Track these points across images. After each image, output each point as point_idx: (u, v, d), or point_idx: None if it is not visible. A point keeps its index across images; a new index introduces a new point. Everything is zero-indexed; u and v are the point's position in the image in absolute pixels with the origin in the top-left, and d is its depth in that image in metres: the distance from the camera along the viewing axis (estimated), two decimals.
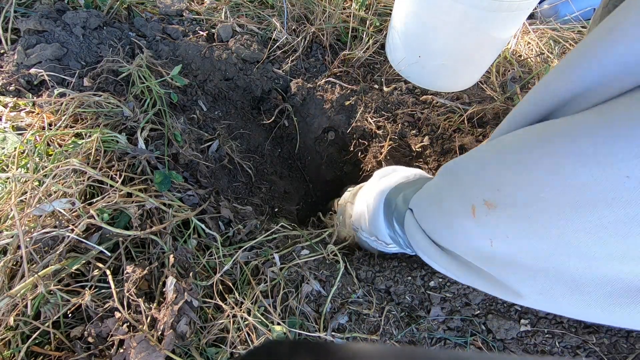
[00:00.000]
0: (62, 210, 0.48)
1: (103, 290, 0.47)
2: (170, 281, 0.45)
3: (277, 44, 0.85)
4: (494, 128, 0.75)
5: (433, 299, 0.54)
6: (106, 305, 0.45)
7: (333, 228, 0.64)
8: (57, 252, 0.45)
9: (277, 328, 0.47)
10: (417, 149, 0.78)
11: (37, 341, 0.43)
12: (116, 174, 0.54)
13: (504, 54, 0.92)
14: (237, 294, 0.50)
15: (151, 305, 0.46)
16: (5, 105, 0.59)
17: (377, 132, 0.79)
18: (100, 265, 0.48)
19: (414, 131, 0.80)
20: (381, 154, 0.78)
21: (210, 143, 0.72)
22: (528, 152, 0.28)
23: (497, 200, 0.31)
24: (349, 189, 0.83)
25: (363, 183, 0.73)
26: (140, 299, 0.45)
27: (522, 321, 0.52)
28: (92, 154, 0.54)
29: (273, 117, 0.84)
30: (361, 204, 0.63)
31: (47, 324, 0.43)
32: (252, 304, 0.49)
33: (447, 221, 0.39)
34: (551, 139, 0.26)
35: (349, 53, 0.86)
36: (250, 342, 0.47)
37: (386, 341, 0.50)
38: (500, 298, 0.42)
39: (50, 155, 0.54)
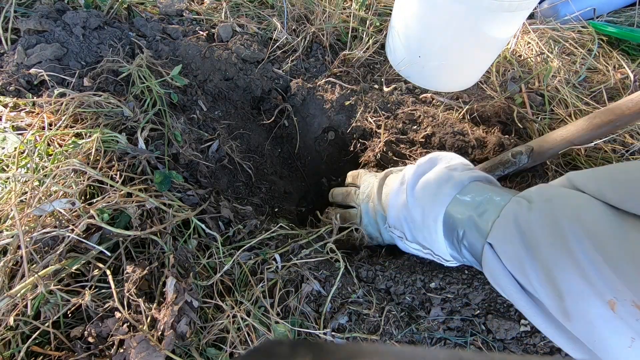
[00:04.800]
0: (62, 210, 0.48)
1: (103, 290, 0.47)
2: (171, 281, 0.45)
3: (277, 44, 0.85)
4: (496, 126, 0.75)
5: (433, 300, 0.54)
6: (106, 305, 0.45)
7: (331, 225, 0.63)
8: (57, 252, 0.45)
9: (280, 327, 0.47)
10: (421, 139, 0.76)
11: (37, 341, 0.43)
12: (116, 174, 0.54)
13: (504, 54, 0.92)
14: (237, 294, 0.50)
15: (151, 306, 0.46)
16: (5, 105, 0.59)
17: (377, 130, 0.79)
18: (101, 265, 0.48)
19: (415, 127, 0.79)
20: (379, 147, 0.77)
21: (210, 143, 0.72)
22: None
23: None
24: (365, 176, 0.67)
25: (388, 173, 0.61)
26: (140, 299, 0.45)
27: (522, 321, 0.52)
28: (92, 154, 0.54)
29: (273, 117, 0.84)
30: (399, 208, 0.52)
31: (47, 324, 0.43)
32: (252, 304, 0.49)
33: (558, 293, 0.32)
34: None
35: (349, 53, 0.86)
36: (250, 342, 0.47)
37: (386, 341, 0.50)
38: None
39: (51, 155, 0.54)
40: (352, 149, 0.87)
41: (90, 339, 0.43)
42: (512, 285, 0.37)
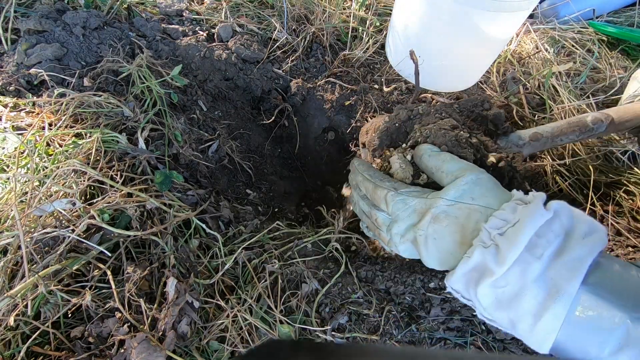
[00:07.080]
0: (62, 211, 0.48)
1: (103, 291, 0.47)
2: (172, 282, 0.45)
3: (277, 44, 0.85)
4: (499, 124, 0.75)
5: (433, 300, 0.54)
6: (107, 306, 0.45)
7: (333, 226, 0.63)
8: (58, 252, 0.45)
9: (284, 327, 0.47)
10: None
11: (37, 341, 0.43)
12: (116, 174, 0.54)
13: (504, 54, 0.92)
14: (238, 293, 0.50)
15: (152, 306, 0.46)
16: (5, 105, 0.59)
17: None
18: (101, 265, 0.48)
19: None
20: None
21: (210, 143, 0.72)
22: None
23: None
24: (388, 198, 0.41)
25: (430, 203, 0.38)
26: (141, 299, 0.45)
27: None
28: (93, 154, 0.54)
29: (273, 117, 0.84)
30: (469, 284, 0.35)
31: (47, 324, 0.43)
32: (255, 302, 0.49)
33: None
34: None
35: (349, 53, 0.86)
36: (251, 341, 0.47)
37: (386, 341, 0.50)
38: None
39: (51, 155, 0.54)
40: (352, 148, 0.87)
41: (91, 339, 0.43)
42: None
